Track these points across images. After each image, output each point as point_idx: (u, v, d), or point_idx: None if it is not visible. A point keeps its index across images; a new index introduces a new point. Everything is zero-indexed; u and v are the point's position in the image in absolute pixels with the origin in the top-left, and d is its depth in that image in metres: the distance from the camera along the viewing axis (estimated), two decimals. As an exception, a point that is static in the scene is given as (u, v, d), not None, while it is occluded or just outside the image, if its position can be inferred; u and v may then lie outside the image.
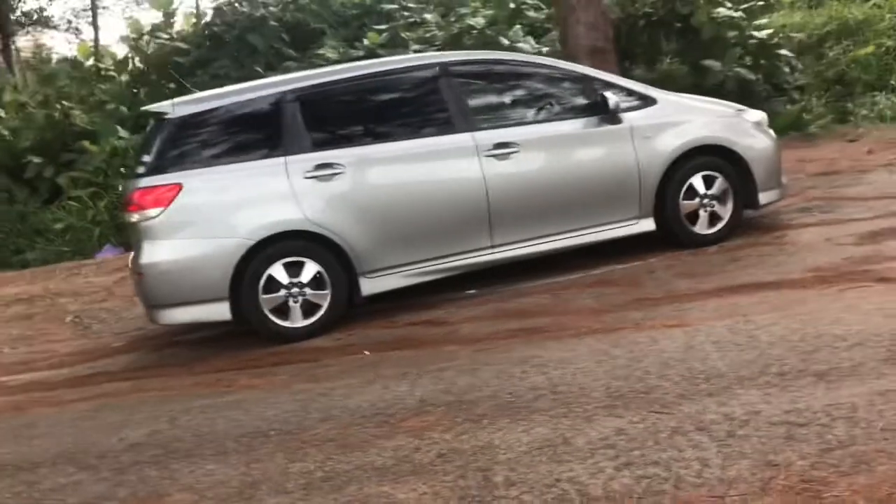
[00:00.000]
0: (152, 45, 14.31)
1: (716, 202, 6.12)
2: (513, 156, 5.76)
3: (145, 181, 5.33)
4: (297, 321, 5.49)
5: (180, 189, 5.30)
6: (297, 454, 3.76)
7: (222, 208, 5.39)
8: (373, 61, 6.76)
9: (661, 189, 6.01)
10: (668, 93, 6.46)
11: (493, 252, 5.82)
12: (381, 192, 5.60)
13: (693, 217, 6.11)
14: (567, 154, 5.90)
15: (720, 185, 6.11)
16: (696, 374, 3.89)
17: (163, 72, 13.63)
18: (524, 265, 6.03)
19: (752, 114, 6.43)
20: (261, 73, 12.77)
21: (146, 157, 5.48)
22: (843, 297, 4.68)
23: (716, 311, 4.78)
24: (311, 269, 5.47)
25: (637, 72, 11.02)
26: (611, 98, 5.85)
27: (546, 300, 5.56)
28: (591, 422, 3.57)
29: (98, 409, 4.88)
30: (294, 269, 5.45)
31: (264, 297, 5.41)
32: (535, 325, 5.06)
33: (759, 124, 6.36)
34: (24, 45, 25.58)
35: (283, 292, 5.44)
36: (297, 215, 5.43)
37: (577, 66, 6.41)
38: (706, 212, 6.12)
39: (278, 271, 5.42)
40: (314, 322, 5.50)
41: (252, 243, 5.34)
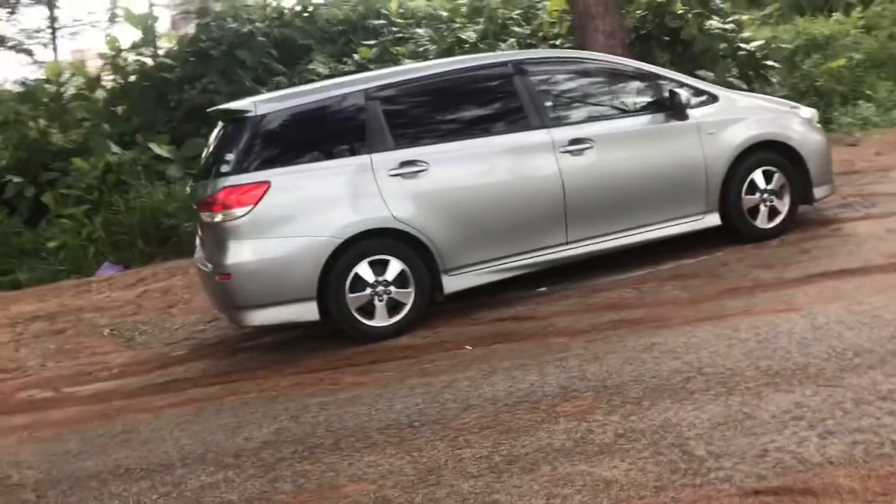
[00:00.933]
0: (132, 62, 14.02)
1: (774, 197, 6.25)
2: (587, 152, 5.79)
3: (232, 179, 5.19)
4: (382, 320, 5.40)
5: (268, 187, 5.18)
6: (458, 441, 3.69)
7: (310, 206, 5.28)
8: (448, 59, 6.75)
9: (725, 184, 6.11)
10: (728, 90, 6.60)
11: (568, 248, 5.83)
12: (462, 190, 5.57)
13: (753, 212, 6.22)
14: (638, 150, 5.96)
15: (778, 179, 6.24)
16: (840, 351, 3.95)
17: (147, 88, 13.35)
18: (587, 263, 6.04)
19: (805, 111, 6.60)
20: (252, 88, 12.67)
21: (229, 155, 5.33)
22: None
23: (819, 295, 4.87)
24: (395, 267, 5.39)
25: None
26: (680, 95, 5.94)
27: (629, 294, 5.58)
28: (761, 398, 3.59)
29: (198, 413, 4.72)
30: (378, 267, 5.37)
31: (351, 296, 5.31)
32: (633, 317, 5.07)
33: (810, 121, 6.53)
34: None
35: (369, 291, 5.35)
36: (383, 213, 5.36)
37: (643, 63, 6.50)
38: (766, 206, 6.23)
39: (364, 270, 5.33)
40: (399, 320, 5.42)
41: (340, 241, 5.25)
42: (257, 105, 5.40)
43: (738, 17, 12.81)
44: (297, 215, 5.26)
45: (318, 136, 5.46)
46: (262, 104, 5.43)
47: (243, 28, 13.38)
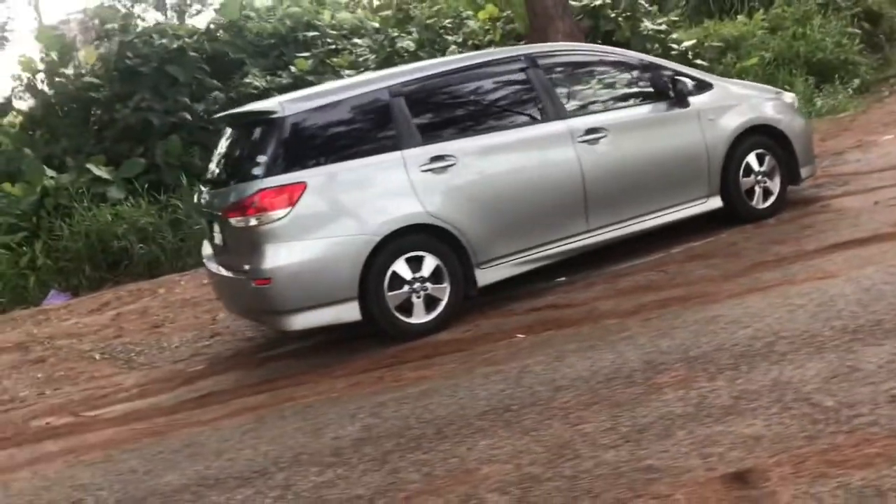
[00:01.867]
0: (49, 84, 13.42)
1: (767, 178, 6.54)
2: (601, 141, 5.92)
3: (268, 181, 5.05)
4: (421, 317, 5.37)
5: (305, 188, 5.08)
6: (571, 419, 3.71)
7: (347, 205, 5.20)
8: (464, 55, 6.79)
9: (724, 168, 6.35)
10: (720, 78, 6.86)
11: (589, 236, 5.94)
12: (490, 182, 5.59)
13: (750, 193, 6.49)
14: (647, 137, 6.12)
15: (769, 161, 6.53)
16: (907, 306, 4.16)
17: (73, 110, 12.81)
18: (597, 253, 6.13)
19: (787, 96, 6.95)
20: (187, 104, 12.36)
21: (257, 157, 5.19)
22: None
23: (848, 262, 5.11)
24: (430, 262, 5.37)
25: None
26: (682, 83, 6.15)
27: (655, 276, 5.72)
28: (855, 353, 3.75)
29: (259, 421, 4.57)
30: (414, 263, 5.34)
31: (389, 294, 5.25)
32: (675, 295, 5.20)
33: (792, 105, 6.86)
34: None
35: (407, 288, 5.31)
36: (418, 209, 5.33)
37: (644, 55, 6.68)
38: (760, 187, 6.52)
39: (401, 267, 5.29)
40: (437, 316, 5.40)
41: (379, 239, 5.19)
42: (284, 105, 5.29)
43: (669, 19, 13.32)
44: (334, 215, 5.18)
45: (347, 134, 5.40)
46: (289, 104, 5.33)
47: (172, 45, 13.02)
